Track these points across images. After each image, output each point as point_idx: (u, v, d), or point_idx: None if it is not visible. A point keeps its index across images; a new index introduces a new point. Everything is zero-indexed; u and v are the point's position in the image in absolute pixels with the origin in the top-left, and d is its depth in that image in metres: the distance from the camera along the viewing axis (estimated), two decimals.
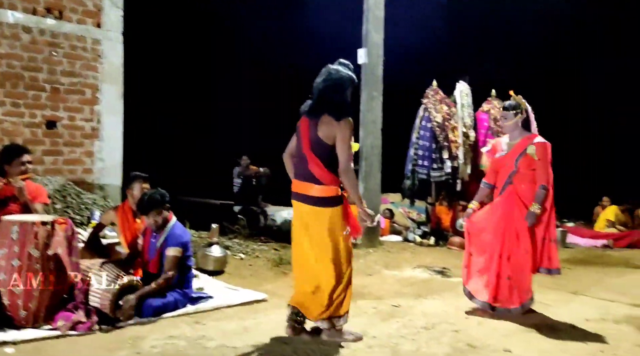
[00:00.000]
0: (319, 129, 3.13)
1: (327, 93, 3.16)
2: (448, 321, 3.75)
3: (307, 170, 3.16)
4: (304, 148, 3.19)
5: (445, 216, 8.37)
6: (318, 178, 3.14)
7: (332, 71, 3.20)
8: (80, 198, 5.75)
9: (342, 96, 3.18)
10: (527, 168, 4.01)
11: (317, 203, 3.15)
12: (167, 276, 3.72)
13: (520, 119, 4.11)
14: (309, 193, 3.16)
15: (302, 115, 3.30)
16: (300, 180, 3.23)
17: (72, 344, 3.08)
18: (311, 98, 3.25)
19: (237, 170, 9.17)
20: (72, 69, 6.28)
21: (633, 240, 8.78)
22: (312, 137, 3.16)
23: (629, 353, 3.19)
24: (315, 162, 3.13)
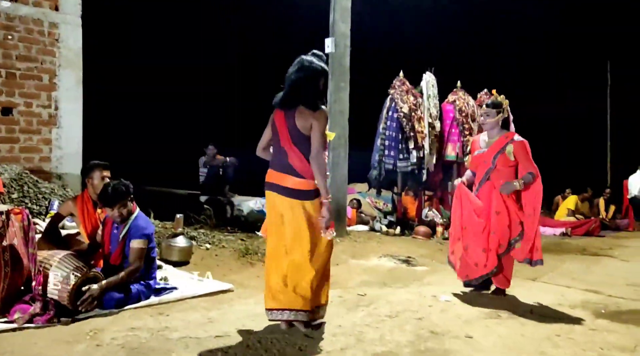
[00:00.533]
0: (297, 121, 3.11)
1: (302, 84, 3.13)
2: (412, 309, 3.81)
3: (287, 162, 3.13)
4: (282, 141, 3.15)
5: (411, 206, 8.49)
6: (298, 170, 3.11)
7: (305, 62, 3.17)
8: (38, 188, 5.56)
9: (316, 87, 3.17)
10: (504, 166, 4.15)
11: (293, 195, 3.12)
12: (133, 268, 3.64)
13: (501, 118, 4.22)
14: (285, 185, 3.13)
15: (275, 107, 3.24)
16: (276, 171, 3.18)
17: (30, 337, 2.99)
18: (283, 89, 3.20)
19: (203, 159, 9.04)
20: (28, 53, 6.04)
21: (589, 228, 9.13)
22: (291, 129, 3.13)
23: (583, 335, 3.31)
24: (296, 155, 3.11)
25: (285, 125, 3.15)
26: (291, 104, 3.14)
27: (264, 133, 3.34)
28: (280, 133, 3.17)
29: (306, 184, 3.12)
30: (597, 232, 9.16)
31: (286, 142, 3.14)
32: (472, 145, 4.51)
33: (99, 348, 2.84)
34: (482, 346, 3.05)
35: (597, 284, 4.94)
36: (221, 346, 2.93)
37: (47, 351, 2.78)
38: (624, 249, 7.44)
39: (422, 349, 2.98)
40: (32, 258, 3.40)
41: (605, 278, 5.24)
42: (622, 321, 3.68)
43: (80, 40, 6.42)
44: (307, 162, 3.12)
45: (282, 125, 3.16)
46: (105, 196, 3.72)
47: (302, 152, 3.12)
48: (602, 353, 3.00)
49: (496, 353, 2.96)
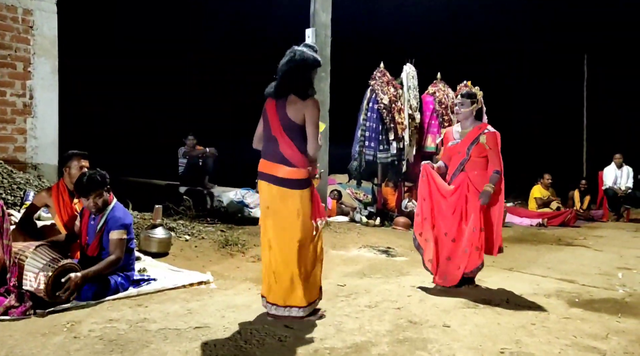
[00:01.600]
0: (288, 110, 3.13)
1: (292, 74, 3.15)
2: (390, 299, 3.85)
3: (278, 151, 3.15)
4: (273, 130, 3.17)
5: (391, 197, 8.55)
6: (289, 159, 3.13)
7: (297, 52, 3.20)
8: (13, 178, 5.45)
9: (307, 77, 3.19)
10: (478, 156, 4.19)
11: (285, 184, 3.13)
12: (114, 258, 3.62)
13: (475, 108, 4.26)
14: (277, 174, 3.15)
15: (267, 97, 3.27)
16: (268, 161, 3.19)
17: (5, 330, 2.94)
18: (276, 79, 3.22)
19: (182, 150, 8.95)
20: (1, 40, 5.88)
21: (565, 219, 9.32)
22: (282, 118, 3.15)
23: (557, 323, 3.39)
24: (287, 144, 3.13)
25: (276, 114, 3.17)
26: (282, 93, 3.16)
27: (258, 125, 3.34)
28: (271, 122, 3.19)
29: (298, 173, 3.14)
30: (572, 222, 9.35)
31: (277, 131, 3.15)
32: (444, 137, 4.52)
33: (76, 340, 2.82)
34: (459, 335, 3.11)
35: (572, 273, 5.06)
36: (201, 337, 2.93)
37: (23, 344, 2.75)
38: (598, 239, 7.61)
39: (400, 338, 3.02)
40: (7, 249, 3.35)
41: (579, 268, 5.36)
42: (595, 309, 3.77)
43: (56, 28, 6.27)
44: (297, 151, 3.13)
45: (273, 114, 3.19)
46: (80, 185, 3.68)
47: (292, 141, 3.13)
48: (576, 341, 3.08)
49: (473, 341, 3.02)
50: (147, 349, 2.74)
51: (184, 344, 2.82)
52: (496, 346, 2.94)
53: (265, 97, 3.29)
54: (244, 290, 4.02)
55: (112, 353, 2.67)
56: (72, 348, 2.72)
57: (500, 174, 4.15)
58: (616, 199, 10.35)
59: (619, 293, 4.32)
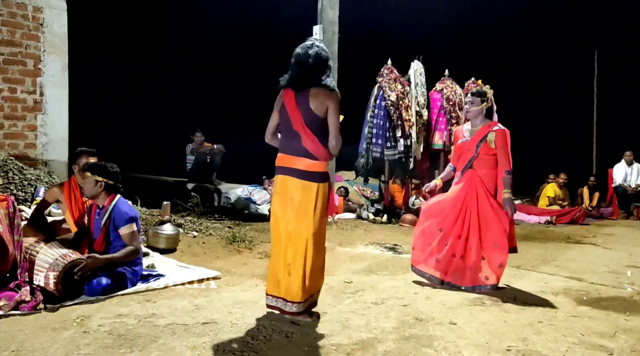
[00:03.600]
0: (311, 103, 3.05)
1: (314, 65, 3.09)
2: (397, 296, 3.86)
3: (300, 145, 3.09)
4: (294, 124, 3.09)
5: (398, 194, 8.55)
6: (311, 152, 3.08)
7: (316, 43, 3.17)
8: (23, 174, 5.51)
9: (329, 68, 3.15)
10: (486, 154, 4.20)
11: (306, 177, 3.09)
12: (133, 249, 3.73)
13: (485, 107, 4.28)
14: (299, 167, 3.10)
15: (282, 88, 3.17)
16: (288, 154, 3.14)
17: (16, 324, 2.99)
18: (295, 71, 3.13)
19: (190, 146, 8.99)
20: (12, 38, 5.94)
21: (574, 216, 9.26)
22: (304, 111, 3.07)
23: (565, 322, 3.38)
24: (310, 138, 3.07)
25: (296, 107, 3.08)
26: (303, 85, 3.07)
27: (272, 118, 3.26)
28: (291, 115, 3.10)
29: (319, 166, 3.11)
30: (581, 220, 9.29)
31: (299, 125, 3.07)
32: (455, 135, 4.56)
33: (86, 335, 2.85)
34: (465, 333, 3.11)
35: (580, 271, 5.03)
36: (208, 332, 2.95)
37: (34, 338, 2.78)
38: (607, 237, 7.56)
39: (406, 335, 3.03)
40: (18, 245, 3.39)
41: (588, 266, 5.34)
42: (603, 308, 3.76)
43: (66, 25, 6.31)
44: (320, 144, 3.08)
45: (293, 107, 3.09)
46: (90, 164, 3.89)
47: (315, 134, 3.07)
48: (583, 339, 3.07)
49: (479, 339, 3.02)
50: (156, 344, 2.77)
51: (192, 339, 2.85)
52: (503, 344, 2.94)
53: (279, 89, 3.19)
54: (251, 286, 4.05)
55: (121, 347, 2.71)
56: (81, 342, 2.75)
57: (511, 174, 4.15)
58: (626, 197, 10.27)
59: (627, 292, 4.30)
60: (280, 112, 3.18)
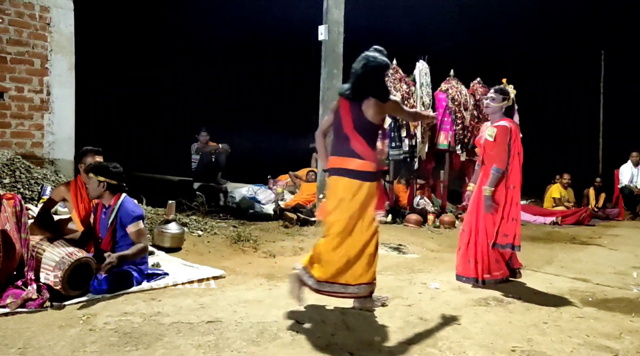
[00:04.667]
0: (365, 111, 3.35)
1: (368, 78, 3.38)
2: (401, 296, 3.86)
3: (350, 147, 3.37)
4: (345, 128, 3.39)
5: (403, 194, 8.53)
6: (360, 154, 3.35)
7: (370, 58, 3.44)
8: (30, 173, 5.54)
9: (382, 80, 3.47)
10: (491, 150, 4.24)
11: (356, 176, 3.34)
12: (142, 246, 3.75)
13: (505, 105, 4.30)
14: (349, 167, 3.36)
15: (340, 96, 3.50)
16: (339, 156, 3.41)
17: (22, 322, 3.01)
18: (351, 82, 3.44)
19: (195, 146, 9.02)
20: (19, 37, 5.98)
21: (580, 217, 9.22)
22: (356, 117, 3.37)
23: (570, 323, 3.37)
24: (358, 140, 3.36)
25: (349, 113, 3.40)
26: (359, 96, 3.38)
27: (326, 120, 3.60)
28: (344, 120, 3.41)
29: (368, 166, 3.36)
30: (587, 221, 9.25)
31: (349, 129, 3.38)
32: (479, 132, 4.68)
33: (91, 333, 2.87)
34: (470, 333, 3.11)
35: (585, 272, 5.02)
36: (213, 331, 2.97)
37: (40, 336, 2.80)
38: (613, 238, 7.52)
39: (411, 335, 3.03)
40: (25, 243, 3.41)
41: (594, 267, 5.32)
42: (609, 309, 3.74)
43: (73, 25, 6.35)
44: (368, 147, 3.37)
45: (346, 113, 3.41)
46: (92, 165, 3.90)
47: (364, 138, 3.36)
48: (588, 340, 3.06)
49: (484, 339, 3.01)
50: (161, 342, 2.78)
51: (197, 337, 2.86)
52: (507, 345, 2.94)
53: (338, 96, 3.53)
54: (255, 286, 4.06)
55: (127, 345, 2.72)
56: (87, 340, 2.77)
57: (500, 172, 4.16)
58: (632, 198, 10.22)
59: (633, 293, 4.28)
60: (335, 117, 3.51)
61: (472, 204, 4.36)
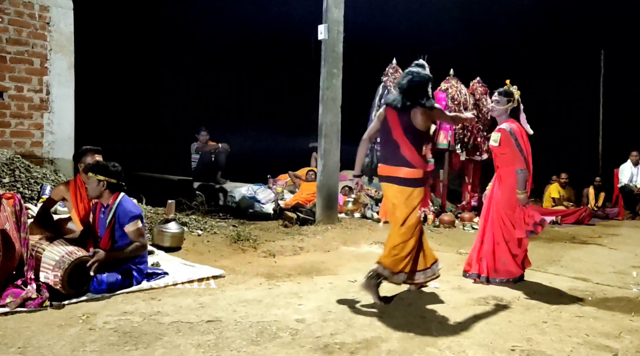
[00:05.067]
0: (413, 120, 3.69)
1: (415, 90, 3.71)
2: (401, 295, 3.86)
3: (399, 154, 3.70)
4: (395, 135, 3.72)
5: None
6: (409, 160, 3.68)
7: (414, 73, 3.76)
8: (30, 172, 5.54)
9: (427, 91, 3.76)
10: (500, 153, 4.33)
11: (405, 183, 3.71)
12: (139, 244, 3.75)
13: (510, 107, 4.35)
14: (399, 175, 3.71)
15: (387, 106, 3.82)
16: (389, 165, 3.77)
17: (22, 321, 3.01)
18: (398, 94, 3.78)
19: (195, 145, 9.01)
20: (18, 36, 5.97)
21: (580, 216, 9.22)
22: (405, 126, 3.70)
23: (569, 322, 3.37)
24: (407, 147, 3.68)
25: (398, 122, 3.72)
26: (407, 107, 3.70)
27: (372, 127, 3.95)
28: (393, 128, 3.74)
29: (416, 173, 3.70)
30: (587, 220, 9.24)
31: (398, 136, 3.71)
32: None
33: (91, 332, 2.87)
34: (469, 332, 3.11)
35: (585, 272, 5.02)
36: (212, 330, 2.97)
37: (40, 335, 2.81)
38: (613, 237, 7.52)
39: (410, 334, 3.03)
40: (24, 242, 3.41)
41: (593, 266, 5.32)
42: (608, 308, 3.74)
43: (72, 24, 6.35)
44: (416, 153, 3.69)
45: (395, 122, 3.74)
46: (91, 164, 3.90)
47: (412, 144, 3.69)
48: (588, 340, 3.06)
49: (483, 338, 3.02)
50: (161, 341, 2.78)
51: (196, 337, 2.86)
52: (507, 344, 2.94)
53: (385, 106, 3.85)
54: (255, 285, 4.06)
55: (127, 344, 2.72)
56: (87, 339, 2.77)
57: (524, 172, 4.21)
58: (632, 197, 10.21)
59: (633, 292, 4.28)
60: (382, 125, 3.84)
61: (484, 205, 4.51)
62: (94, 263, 3.44)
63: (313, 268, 4.73)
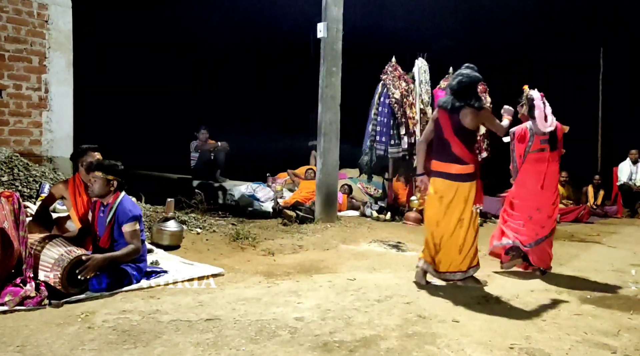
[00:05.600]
0: (462, 120, 3.93)
1: (464, 92, 3.94)
2: (400, 293, 3.86)
3: (451, 152, 3.96)
4: (446, 134, 3.98)
5: (402, 191, 8.53)
6: (461, 157, 3.95)
7: (464, 75, 4.01)
8: (29, 171, 5.54)
9: (477, 92, 4.03)
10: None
11: (457, 179, 3.96)
12: (134, 247, 3.71)
13: (525, 110, 4.74)
14: (450, 171, 3.97)
15: (439, 108, 4.08)
16: (442, 162, 4.02)
17: (21, 319, 3.01)
18: (449, 95, 4.03)
19: (194, 143, 9.00)
20: (17, 34, 5.96)
21: (578, 214, 9.22)
22: (455, 125, 3.95)
23: (568, 320, 3.38)
24: (458, 145, 3.95)
25: (449, 122, 3.98)
26: (457, 107, 3.94)
27: (427, 129, 4.24)
28: (444, 128, 3.99)
29: (467, 169, 3.97)
30: (585, 218, 9.25)
31: (449, 135, 3.97)
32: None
33: (90, 331, 2.87)
34: (468, 330, 3.11)
35: (584, 270, 5.02)
36: (212, 329, 2.97)
37: (38, 334, 2.80)
38: (612, 235, 7.53)
39: (409, 333, 3.03)
40: (23, 241, 3.41)
41: (592, 264, 5.32)
42: (607, 306, 3.75)
43: (71, 22, 6.33)
44: (467, 150, 3.96)
45: (446, 122, 3.99)
46: (99, 163, 3.88)
47: (462, 142, 3.95)
48: (586, 338, 3.07)
49: (482, 336, 3.02)
50: (159, 340, 2.78)
51: (195, 335, 2.86)
52: (506, 342, 2.94)
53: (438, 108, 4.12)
54: (254, 283, 4.06)
55: (125, 343, 2.72)
56: (86, 338, 2.77)
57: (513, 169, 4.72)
58: (631, 195, 10.22)
59: (631, 290, 4.29)
60: (435, 126, 4.10)
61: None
62: (85, 268, 3.39)
63: (312, 267, 4.73)
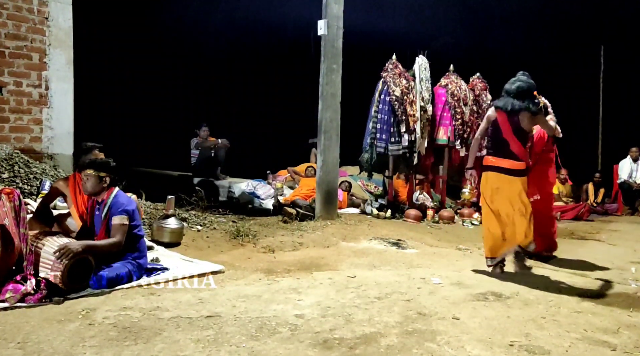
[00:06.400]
0: (521, 122, 4.38)
1: (522, 96, 4.34)
2: (400, 291, 3.86)
3: (509, 149, 4.41)
4: (505, 134, 4.43)
5: (402, 189, 8.53)
6: (517, 154, 4.40)
7: (522, 80, 4.43)
8: (29, 168, 5.54)
9: (532, 97, 4.38)
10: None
11: (511, 173, 4.41)
12: (116, 240, 3.67)
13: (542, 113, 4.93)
14: (504, 166, 4.42)
15: (496, 109, 4.46)
16: (496, 157, 4.48)
17: (21, 316, 3.02)
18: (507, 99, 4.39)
19: (194, 141, 9.00)
20: (17, 31, 5.95)
21: (579, 212, 9.23)
22: (514, 127, 4.40)
23: (568, 318, 3.38)
24: (516, 144, 4.41)
25: (507, 123, 4.41)
26: (515, 111, 4.35)
27: (482, 127, 4.69)
28: (503, 128, 4.43)
29: (521, 165, 4.43)
30: (586, 216, 9.27)
31: (508, 135, 4.42)
32: None
33: (91, 327, 2.87)
34: (468, 328, 3.11)
35: (584, 267, 5.03)
36: (212, 326, 2.97)
37: (39, 331, 2.81)
38: (612, 233, 7.54)
39: (409, 330, 3.04)
40: (24, 238, 3.41)
41: (592, 262, 5.33)
42: (607, 303, 3.76)
43: (71, 19, 6.32)
44: (522, 148, 4.42)
45: (504, 123, 4.42)
46: (83, 161, 3.91)
47: (520, 141, 4.41)
48: (586, 335, 3.07)
49: (482, 334, 3.02)
50: (160, 337, 2.79)
51: (196, 332, 2.86)
52: (506, 339, 2.95)
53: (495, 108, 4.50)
54: (254, 280, 4.07)
55: (126, 340, 2.73)
56: (86, 334, 2.78)
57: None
58: (631, 193, 10.23)
59: (631, 288, 4.29)
60: (493, 125, 4.53)
61: None
62: (64, 249, 3.35)
63: (312, 264, 4.73)
